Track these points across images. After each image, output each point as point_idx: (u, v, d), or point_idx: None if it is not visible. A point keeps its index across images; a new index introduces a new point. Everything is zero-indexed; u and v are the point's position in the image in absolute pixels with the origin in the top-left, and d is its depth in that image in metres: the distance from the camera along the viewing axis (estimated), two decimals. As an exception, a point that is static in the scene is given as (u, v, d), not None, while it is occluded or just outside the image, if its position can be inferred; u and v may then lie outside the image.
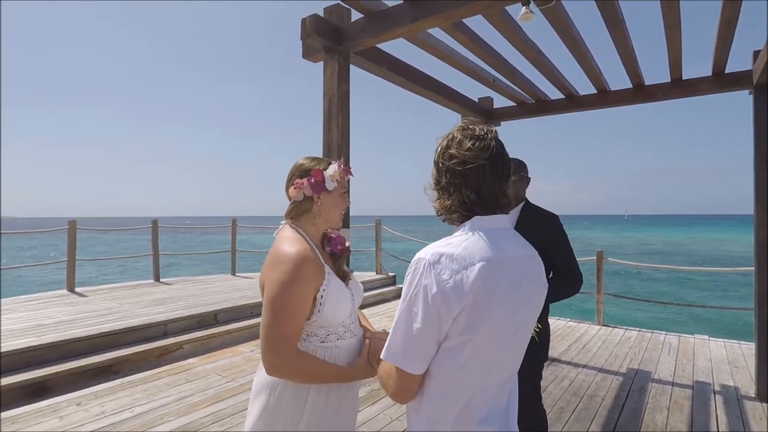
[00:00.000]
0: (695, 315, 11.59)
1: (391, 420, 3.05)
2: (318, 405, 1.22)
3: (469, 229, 0.97)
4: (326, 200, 1.30)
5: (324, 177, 1.29)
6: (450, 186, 0.99)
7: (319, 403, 1.22)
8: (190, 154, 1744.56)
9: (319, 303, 1.21)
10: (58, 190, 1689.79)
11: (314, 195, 1.29)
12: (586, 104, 4.51)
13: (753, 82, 3.59)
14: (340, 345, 1.27)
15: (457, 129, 1.02)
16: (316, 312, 1.21)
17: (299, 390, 1.21)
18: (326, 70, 2.92)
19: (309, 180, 1.28)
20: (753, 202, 3.64)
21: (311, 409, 1.21)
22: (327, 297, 1.22)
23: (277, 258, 1.19)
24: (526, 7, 2.47)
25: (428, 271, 0.90)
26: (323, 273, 1.24)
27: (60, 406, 3.18)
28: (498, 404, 0.98)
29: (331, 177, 1.29)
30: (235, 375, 3.84)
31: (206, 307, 5.31)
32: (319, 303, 1.21)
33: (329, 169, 1.30)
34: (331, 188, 1.30)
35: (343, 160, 1.37)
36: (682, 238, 50.20)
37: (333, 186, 1.30)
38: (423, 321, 0.90)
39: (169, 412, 3.11)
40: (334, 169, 1.30)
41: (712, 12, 3.05)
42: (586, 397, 3.49)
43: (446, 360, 0.93)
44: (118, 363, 3.90)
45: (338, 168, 1.31)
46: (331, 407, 1.24)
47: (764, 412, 3.26)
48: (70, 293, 6.26)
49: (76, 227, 6.70)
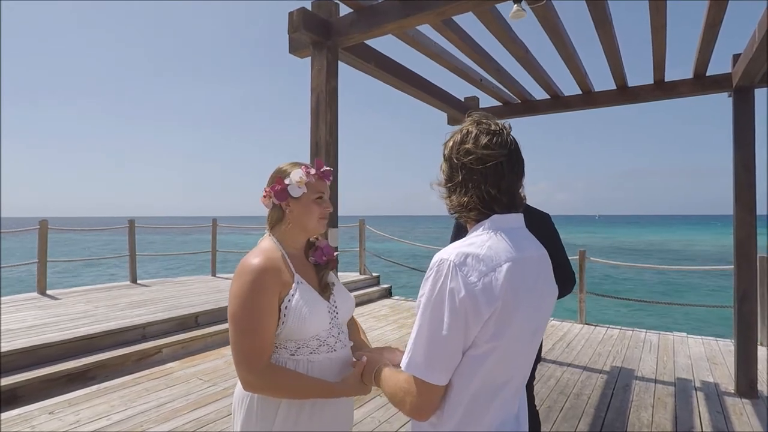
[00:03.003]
0: (668, 312, 11.88)
1: (379, 423, 3.00)
2: (288, 422, 1.16)
3: (490, 227, 0.92)
4: (296, 207, 1.24)
5: (286, 184, 1.22)
6: (467, 182, 0.94)
7: (289, 420, 1.16)
8: (170, 153, 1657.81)
9: (282, 314, 1.15)
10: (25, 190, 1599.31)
11: (281, 203, 1.23)
12: (571, 105, 4.55)
13: (733, 85, 3.67)
14: (313, 359, 1.19)
15: (471, 123, 0.97)
16: (280, 324, 1.15)
17: (267, 405, 1.15)
18: (314, 65, 2.85)
19: (273, 188, 1.23)
20: (732, 201, 3.73)
21: (282, 424, 1.15)
22: (292, 308, 1.15)
23: (239, 270, 1.15)
24: (517, 5, 2.46)
25: (454, 273, 0.84)
26: (290, 283, 1.18)
27: (32, 415, 3.02)
28: (509, 412, 0.94)
29: (297, 183, 1.22)
30: (218, 379, 3.73)
31: (186, 309, 5.17)
32: (283, 314, 1.15)
33: (293, 174, 1.23)
34: (298, 195, 1.22)
35: (319, 162, 1.30)
36: (654, 238, 51.67)
37: (300, 192, 1.22)
38: (449, 328, 0.83)
39: (149, 419, 2.99)
40: (300, 175, 1.22)
41: (691, 14, 3.10)
42: (572, 396, 3.51)
43: (470, 369, 0.86)
44: (93, 368, 3.75)
45: (305, 173, 1.23)
46: (303, 424, 1.17)
47: (744, 408, 3.33)
48: (41, 296, 6.00)
49: (48, 227, 6.44)
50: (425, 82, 4.14)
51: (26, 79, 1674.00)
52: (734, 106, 3.69)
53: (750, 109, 3.62)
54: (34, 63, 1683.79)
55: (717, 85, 3.82)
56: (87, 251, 32.38)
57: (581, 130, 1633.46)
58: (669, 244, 40.26)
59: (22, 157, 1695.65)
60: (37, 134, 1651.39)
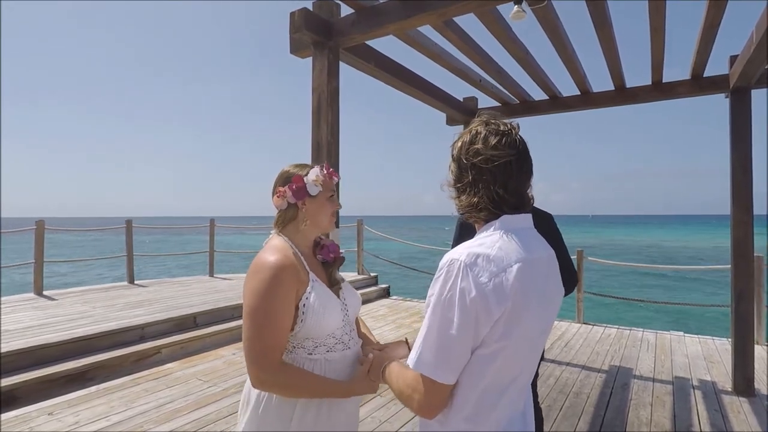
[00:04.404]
0: (663, 310, 11.95)
1: (380, 422, 3.00)
2: (306, 421, 1.16)
3: (500, 228, 0.93)
4: (311, 205, 1.27)
5: (305, 182, 1.26)
6: (477, 183, 0.95)
7: (307, 420, 1.16)
8: (167, 153, 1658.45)
9: (301, 312, 1.16)
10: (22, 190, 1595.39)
11: (298, 202, 1.26)
12: (570, 105, 4.57)
13: (730, 86, 3.70)
14: (330, 358, 1.21)
15: (480, 124, 0.98)
16: (299, 322, 1.16)
17: (284, 404, 1.16)
18: (315, 65, 2.85)
19: (291, 187, 1.25)
20: (729, 202, 3.76)
21: (298, 425, 1.15)
22: (310, 306, 1.16)
23: (255, 267, 1.15)
24: (518, 6, 2.47)
25: (465, 273, 0.84)
26: (306, 281, 1.19)
27: (30, 417, 3.01)
28: (516, 409, 0.95)
29: (314, 182, 1.26)
30: (217, 380, 3.72)
31: (185, 309, 5.15)
32: (302, 312, 1.16)
33: (311, 173, 1.27)
34: (315, 193, 1.26)
35: (327, 164, 1.35)
36: (650, 238, 51.95)
37: (317, 190, 1.26)
38: (459, 327, 0.83)
39: (149, 420, 2.98)
40: (316, 174, 1.27)
41: (689, 15, 3.13)
42: (572, 395, 3.53)
43: (479, 368, 0.87)
44: (92, 369, 3.73)
45: (320, 171, 1.28)
46: (321, 424, 1.18)
47: (741, 406, 3.36)
48: (38, 296, 5.97)
49: (44, 227, 6.41)
50: (424, 82, 4.15)
51: (26, 79, 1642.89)
52: (731, 107, 3.72)
53: (747, 110, 3.65)
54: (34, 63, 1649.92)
55: (714, 86, 3.85)
56: (81, 252, 32.21)
57: (579, 130, 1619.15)
58: (663, 244, 40.54)
59: (22, 157, 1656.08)
60: (37, 134, 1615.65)
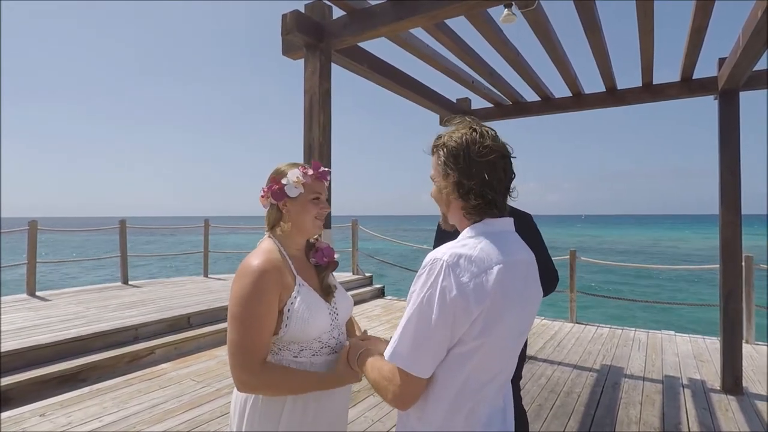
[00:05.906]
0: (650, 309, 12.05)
1: (372, 422, 3.02)
2: (294, 422, 1.17)
3: (481, 230, 0.95)
4: (292, 207, 1.24)
5: (283, 184, 1.23)
6: (462, 186, 0.96)
7: (294, 421, 1.17)
8: (164, 154, 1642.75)
9: (285, 317, 1.15)
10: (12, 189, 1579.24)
11: (278, 203, 1.24)
12: (562, 107, 4.61)
13: (718, 88, 3.75)
14: (316, 361, 1.21)
15: (466, 129, 0.98)
16: (283, 327, 1.15)
17: (272, 406, 1.16)
18: (307, 67, 2.87)
19: (270, 187, 1.24)
20: (718, 202, 3.81)
21: (287, 425, 1.16)
22: (294, 311, 1.16)
23: (239, 271, 1.15)
24: (508, 9, 2.50)
25: (447, 272, 0.86)
26: (292, 285, 1.18)
27: (22, 418, 3.00)
28: (495, 406, 0.98)
29: (294, 183, 1.22)
30: (211, 380, 3.73)
31: (178, 310, 5.15)
32: (286, 317, 1.15)
33: (290, 174, 1.24)
34: (295, 194, 1.23)
35: (317, 163, 1.30)
36: (639, 238, 52.24)
37: (297, 192, 1.23)
38: (437, 323, 0.86)
39: (142, 420, 2.98)
40: (296, 175, 1.23)
41: (678, 16, 3.17)
42: (563, 394, 3.57)
43: (456, 365, 0.90)
44: (85, 370, 3.72)
45: (301, 173, 1.24)
46: (308, 424, 1.19)
47: (729, 404, 3.40)
48: (31, 297, 5.94)
49: (37, 228, 6.38)
50: (417, 83, 4.18)
51: (26, 79, 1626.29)
52: (720, 109, 3.77)
53: (735, 111, 3.70)
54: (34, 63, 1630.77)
55: (703, 88, 3.90)
56: (81, 252, 32.02)
57: (572, 130, 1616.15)
58: (658, 243, 40.79)
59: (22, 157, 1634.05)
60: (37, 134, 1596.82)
